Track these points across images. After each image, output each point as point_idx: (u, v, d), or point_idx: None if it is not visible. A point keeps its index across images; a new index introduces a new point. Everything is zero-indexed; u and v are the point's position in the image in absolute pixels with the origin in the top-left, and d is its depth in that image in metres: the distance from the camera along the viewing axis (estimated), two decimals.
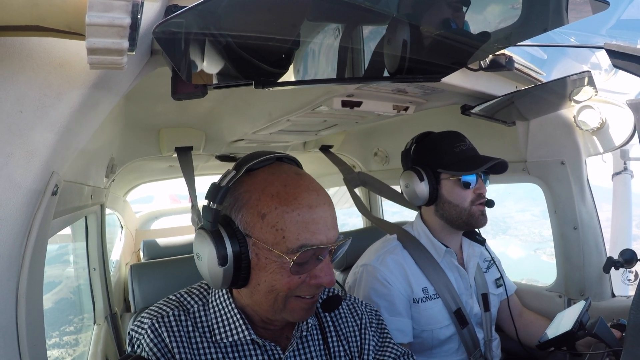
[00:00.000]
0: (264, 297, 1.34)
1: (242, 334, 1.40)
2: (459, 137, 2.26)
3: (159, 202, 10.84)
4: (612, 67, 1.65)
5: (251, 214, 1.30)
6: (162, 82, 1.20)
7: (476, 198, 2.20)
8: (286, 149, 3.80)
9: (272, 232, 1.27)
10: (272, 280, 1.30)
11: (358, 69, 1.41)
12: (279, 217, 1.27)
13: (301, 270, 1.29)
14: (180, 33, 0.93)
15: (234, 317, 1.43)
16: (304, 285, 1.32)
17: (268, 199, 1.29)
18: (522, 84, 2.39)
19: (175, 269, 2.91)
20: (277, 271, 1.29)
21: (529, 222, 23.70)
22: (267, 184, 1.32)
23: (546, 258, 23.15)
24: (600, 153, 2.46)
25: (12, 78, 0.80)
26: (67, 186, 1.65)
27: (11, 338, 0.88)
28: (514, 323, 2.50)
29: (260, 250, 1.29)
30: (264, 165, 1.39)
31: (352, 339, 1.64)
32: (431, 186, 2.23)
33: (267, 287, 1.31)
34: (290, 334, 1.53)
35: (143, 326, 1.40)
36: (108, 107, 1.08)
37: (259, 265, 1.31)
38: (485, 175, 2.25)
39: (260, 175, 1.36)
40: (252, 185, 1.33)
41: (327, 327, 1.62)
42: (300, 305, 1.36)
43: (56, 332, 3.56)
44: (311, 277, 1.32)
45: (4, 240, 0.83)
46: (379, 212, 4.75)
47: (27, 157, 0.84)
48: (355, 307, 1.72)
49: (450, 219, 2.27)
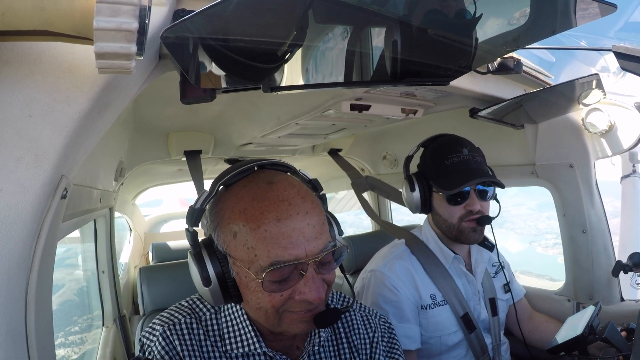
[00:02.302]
0: (255, 313, 1.33)
1: (252, 346, 1.39)
2: (455, 147, 2.21)
3: (168, 205, 10.90)
4: (620, 69, 1.64)
5: (225, 233, 1.27)
6: (170, 86, 1.20)
7: (466, 214, 2.17)
8: (295, 152, 3.81)
9: (244, 250, 1.22)
10: (256, 298, 1.26)
11: (366, 73, 1.41)
12: (247, 235, 1.21)
13: (281, 288, 1.23)
14: (188, 37, 0.94)
15: (246, 328, 1.41)
16: (290, 301, 1.25)
17: (237, 216, 1.24)
18: (530, 87, 2.39)
19: (184, 272, 2.89)
20: (258, 289, 1.23)
21: (525, 216, 23.73)
22: (238, 199, 1.27)
23: (541, 250, 23.18)
24: (609, 156, 2.44)
25: (21, 82, 0.81)
26: (76, 189, 1.65)
27: (20, 340, 0.88)
28: (521, 329, 2.49)
29: (239, 269, 1.26)
30: (241, 178, 1.32)
31: (362, 351, 1.62)
32: (423, 197, 2.24)
33: (255, 305, 1.28)
34: (301, 345, 1.51)
35: (155, 333, 1.40)
36: (117, 111, 1.08)
37: (242, 284, 1.28)
38: (484, 187, 2.19)
39: (233, 190, 1.31)
40: (225, 202, 1.30)
41: (339, 339, 1.59)
42: (296, 318, 1.28)
43: (65, 334, 3.58)
44: (296, 292, 1.24)
45: (13, 243, 0.83)
46: (388, 216, 4.75)
47: (36, 160, 0.84)
48: (369, 320, 1.68)
49: (443, 231, 2.28)
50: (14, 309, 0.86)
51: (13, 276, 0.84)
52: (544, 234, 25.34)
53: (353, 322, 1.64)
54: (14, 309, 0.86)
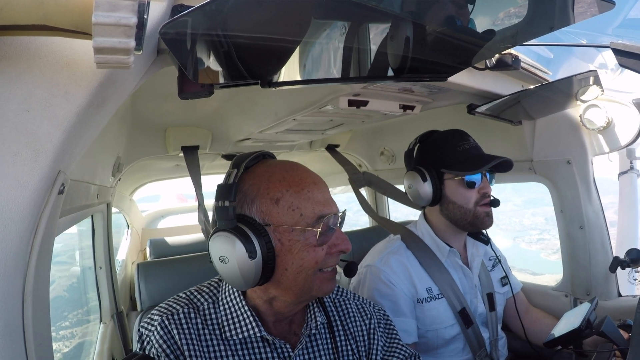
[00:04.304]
0: (293, 280, 1.38)
1: (252, 331, 1.43)
2: (462, 136, 2.24)
3: (166, 201, 10.89)
4: (618, 66, 1.65)
5: (265, 202, 1.37)
6: (168, 81, 1.20)
7: (481, 198, 2.17)
8: (292, 148, 3.81)
9: (289, 212, 1.36)
10: (299, 259, 1.36)
11: (364, 68, 1.41)
12: (292, 197, 1.37)
13: (323, 241, 1.39)
14: (186, 32, 0.94)
15: (245, 314, 1.45)
16: (327, 257, 1.40)
17: (277, 184, 1.38)
18: (528, 83, 2.38)
19: (181, 268, 2.91)
20: (303, 249, 1.36)
21: (510, 212, 23.96)
22: (270, 173, 1.42)
23: (524, 246, 23.44)
24: (607, 152, 2.45)
25: (19, 77, 0.81)
26: (73, 185, 1.65)
27: (18, 336, 0.88)
28: (521, 321, 2.49)
29: (282, 234, 1.36)
30: (257, 162, 1.49)
31: (360, 339, 1.66)
32: (434, 187, 2.21)
33: (296, 269, 1.37)
34: (299, 331, 1.56)
35: (153, 323, 1.42)
36: (115, 106, 1.08)
37: (283, 250, 1.36)
38: (490, 175, 2.22)
39: (258, 169, 1.45)
40: (256, 178, 1.42)
41: (335, 325, 1.64)
42: (325, 277, 1.43)
43: (62, 331, 3.58)
44: (330, 247, 1.41)
45: (10, 238, 0.83)
46: (385, 212, 4.76)
47: (34, 156, 0.84)
48: (364, 308, 1.74)
49: (454, 220, 2.25)
50: (11, 304, 0.86)
51: (10, 272, 0.84)
52: (528, 230, 25.57)
53: (348, 309, 1.70)
54: (11, 304, 0.86)
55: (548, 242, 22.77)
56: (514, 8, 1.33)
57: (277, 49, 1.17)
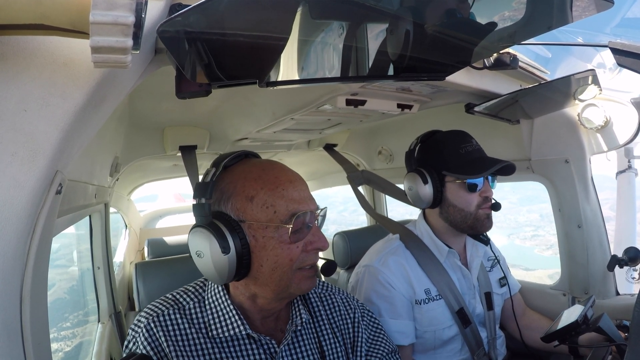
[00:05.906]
0: (269, 276, 1.42)
1: (237, 329, 1.46)
2: (465, 138, 2.23)
3: (163, 200, 10.88)
4: (616, 65, 1.65)
5: (240, 200, 1.41)
6: (166, 80, 1.20)
7: (482, 201, 2.16)
8: (290, 147, 3.81)
9: (263, 210, 1.40)
10: (274, 256, 1.40)
11: (362, 68, 1.41)
12: (266, 195, 1.40)
13: (298, 238, 1.41)
14: (184, 31, 0.93)
15: (230, 312, 1.49)
16: (303, 254, 1.43)
17: (252, 183, 1.42)
18: (526, 83, 2.39)
19: (179, 268, 2.91)
20: (277, 246, 1.39)
21: (505, 210, 24.15)
22: (247, 172, 1.46)
23: (519, 242, 23.61)
24: (605, 151, 2.45)
25: (16, 77, 0.80)
26: (71, 185, 1.65)
27: (16, 336, 0.88)
28: (517, 322, 2.50)
29: (256, 231, 1.40)
30: (237, 161, 1.54)
31: (345, 332, 1.71)
32: (435, 189, 2.20)
33: (271, 265, 1.40)
34: (285, 328, 1.59)
35: (140, 325, 1.47)
36: (112, 105, 1.08)
37: (258, 246, 1.40)
38: (492, 177, 2.21)
39: (237, 168, 1.50)
40: (233, 177, 1.47)
41: (320, 320, 1.69)
42: (304, 275, 1.46)
43: (61, 331, 3.57)
44: (307, 244, 1.44)
45: (8, 239, 0.83)
46: (383, 210, 4.76)
47: (31, 156, 0.84)
48: (349, 302, 1.80)
49: (454, 223, 2.24)
50: (9, 305, 0.85)
51: (8, 272, 0.84)
52: (523, 226, 25.69)
53: (334, 302, 1.76)
54: (9, 305, 0.85)
55: (542, 239, 22.92)
56: (512, 7, 1.33)
57: (275, 48, 1.17)
